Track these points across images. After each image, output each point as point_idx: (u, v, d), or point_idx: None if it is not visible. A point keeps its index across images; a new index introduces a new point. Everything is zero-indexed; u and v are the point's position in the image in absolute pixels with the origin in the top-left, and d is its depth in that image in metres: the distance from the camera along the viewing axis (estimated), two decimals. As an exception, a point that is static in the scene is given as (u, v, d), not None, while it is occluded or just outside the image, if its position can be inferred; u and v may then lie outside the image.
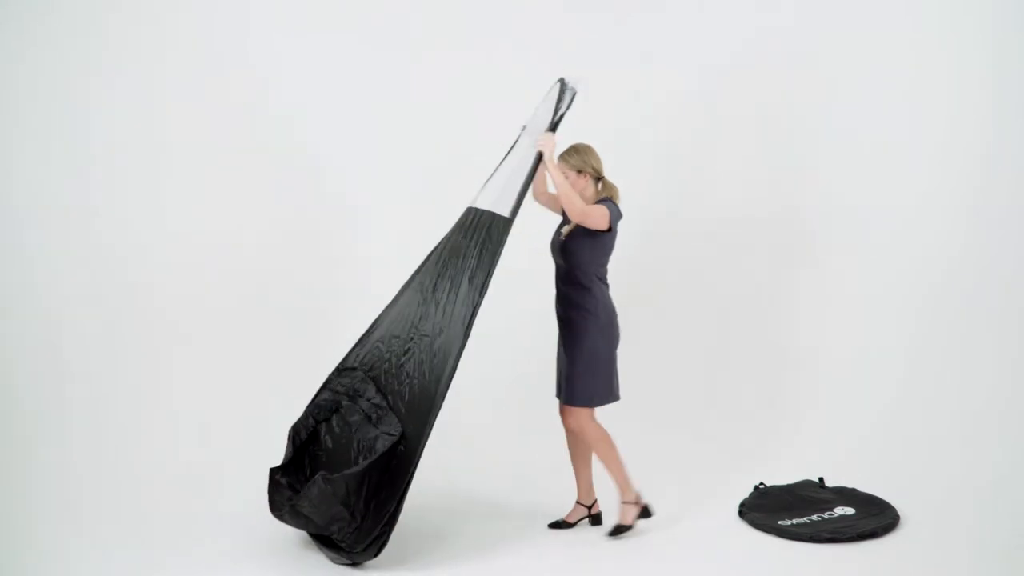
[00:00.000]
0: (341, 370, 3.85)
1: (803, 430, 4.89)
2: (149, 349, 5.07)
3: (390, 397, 3.62)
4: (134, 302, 5.11)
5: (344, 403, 3.73)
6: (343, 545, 3.47)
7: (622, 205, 3.85)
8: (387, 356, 3.72)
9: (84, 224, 5.09)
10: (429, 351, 3.58)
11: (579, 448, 3.95)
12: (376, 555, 3.48)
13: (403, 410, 3.56)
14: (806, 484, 4.33)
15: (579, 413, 3.82)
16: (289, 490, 3.58)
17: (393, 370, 3.68)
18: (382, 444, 3.48)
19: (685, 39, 5.36)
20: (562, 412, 3.90)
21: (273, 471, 3.66)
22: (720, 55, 5.31)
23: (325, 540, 3.57)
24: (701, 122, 5.39)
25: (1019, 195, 4.90)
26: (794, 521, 3.91)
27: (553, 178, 3.68)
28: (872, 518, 3.90)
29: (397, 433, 3.48)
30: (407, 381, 3.61)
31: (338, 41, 5.38)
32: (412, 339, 3.66)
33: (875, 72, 5.13)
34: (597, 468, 3.93)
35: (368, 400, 3.65)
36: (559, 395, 3.90)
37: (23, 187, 5.04)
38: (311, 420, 3.76)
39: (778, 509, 4.04)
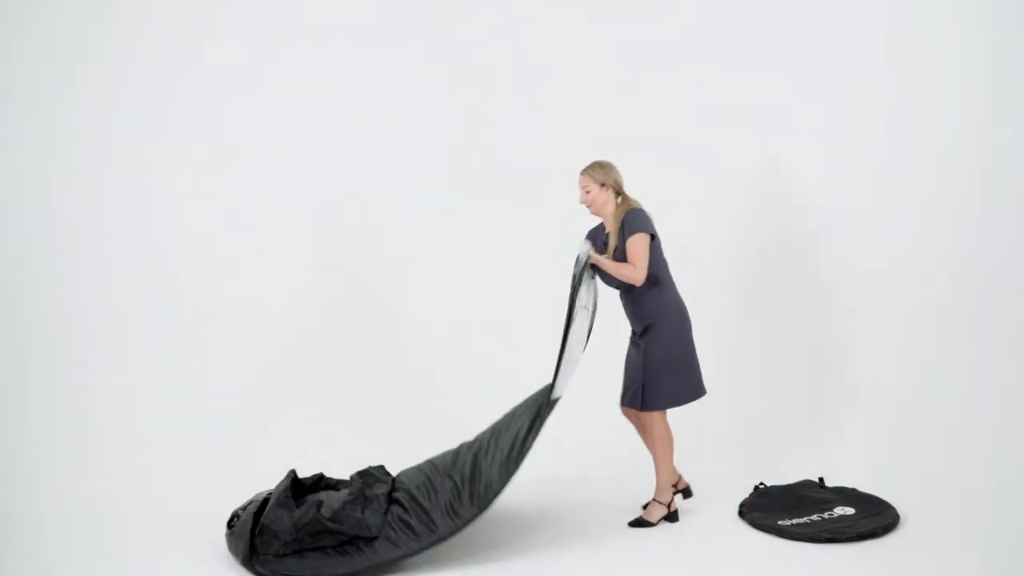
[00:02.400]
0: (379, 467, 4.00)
1: (803, 430, 4.89)
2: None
3: (402, 505, 3.66)
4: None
5: (354, 480, 3.83)
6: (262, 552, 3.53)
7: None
8: (422, 477, 3.84)
9: (101, 232, 5.16)
10: (462, 483, 3.69)
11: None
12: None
13: (412, 522, 3.59)
14: (806, 484, 4.33)
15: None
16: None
17: (422, 487, 3.77)
18: (349, 527, 3.53)
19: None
20: (628, 412, 4.13)
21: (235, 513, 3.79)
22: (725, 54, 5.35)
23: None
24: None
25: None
26: (794, 521, 3.91)
27: (602, 265, 3.90)
28: (872, 518, 3.90)
29: (369, 533, 3.53)
30: (422, 501, 3.67)
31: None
32: (451, 471, 3.80)
33: (883, 74, 5.14)
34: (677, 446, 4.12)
35: (375, 491, 3.70)
36: (623, 401, 4.09)
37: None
38: (316, 477, 3.96)
39: (778, 509, 4.04)
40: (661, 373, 3.93)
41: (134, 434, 4.83)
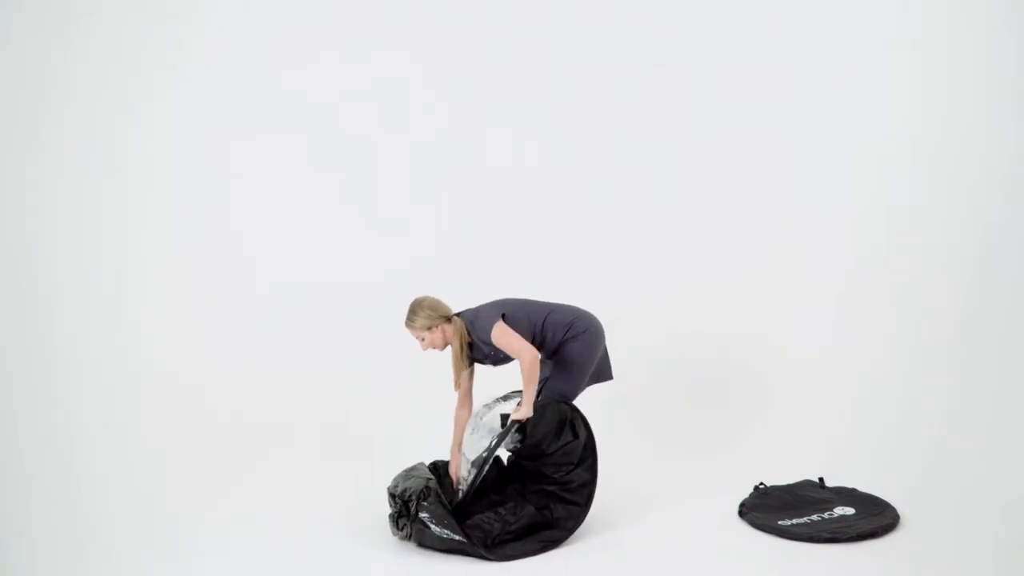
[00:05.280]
0: None
1: (803, 430, 4.89)
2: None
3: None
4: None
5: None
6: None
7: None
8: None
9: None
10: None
11: None
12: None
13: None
14: (806, 484, 4.33)
15: None
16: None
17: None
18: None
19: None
20: None
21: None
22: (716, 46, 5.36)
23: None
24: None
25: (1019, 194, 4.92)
26: (794, 521, 3.91)
27: (529, 401, 3.76)
28: (872, 518, 3.90)
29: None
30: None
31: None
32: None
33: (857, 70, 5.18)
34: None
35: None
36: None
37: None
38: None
39: (778, 509, 4.03)
40: (565, 373, 3.90)
41: (128, 436, 4.84)
